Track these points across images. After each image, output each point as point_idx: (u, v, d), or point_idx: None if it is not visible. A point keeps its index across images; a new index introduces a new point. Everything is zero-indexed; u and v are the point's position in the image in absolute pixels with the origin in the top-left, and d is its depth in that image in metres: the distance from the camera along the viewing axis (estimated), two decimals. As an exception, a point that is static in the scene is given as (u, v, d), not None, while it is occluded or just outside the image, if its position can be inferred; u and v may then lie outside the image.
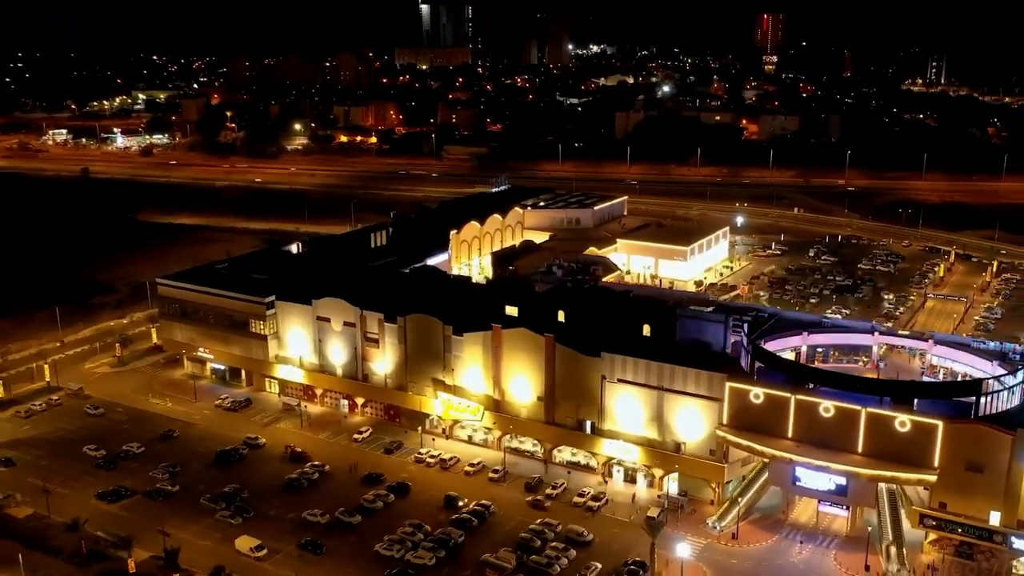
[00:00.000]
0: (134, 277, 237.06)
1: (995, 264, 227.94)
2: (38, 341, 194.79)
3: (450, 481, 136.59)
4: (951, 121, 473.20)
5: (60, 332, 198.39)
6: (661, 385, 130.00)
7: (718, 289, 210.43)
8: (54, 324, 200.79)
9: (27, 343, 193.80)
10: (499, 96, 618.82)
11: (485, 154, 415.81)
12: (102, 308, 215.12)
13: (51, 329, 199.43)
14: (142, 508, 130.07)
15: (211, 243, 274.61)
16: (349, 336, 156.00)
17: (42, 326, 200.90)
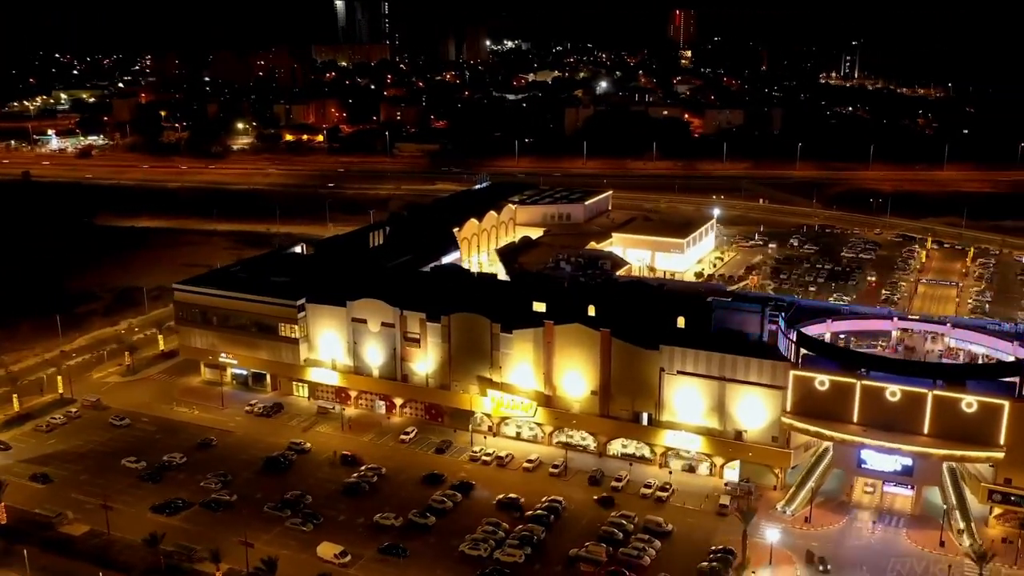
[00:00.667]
0: (115, 283, 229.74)
1: (972, 250, 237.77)
2: (33, 352, 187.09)
3: (510, 478, 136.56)
4: (882, 113, 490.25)
5: (58, 342, 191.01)
6: (723, 375, 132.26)
7: (727, 280, 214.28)
8: (44, 334, 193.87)
9: (22, 354, 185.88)
10: (430, 93, 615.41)
11: (437, 151, 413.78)
12: (90, 316, 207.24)
13: (42, 339, 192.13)
14: (202, 519, 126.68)
15: (185, 246, 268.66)
16: (387, 337, 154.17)
17: (32, 336, 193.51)
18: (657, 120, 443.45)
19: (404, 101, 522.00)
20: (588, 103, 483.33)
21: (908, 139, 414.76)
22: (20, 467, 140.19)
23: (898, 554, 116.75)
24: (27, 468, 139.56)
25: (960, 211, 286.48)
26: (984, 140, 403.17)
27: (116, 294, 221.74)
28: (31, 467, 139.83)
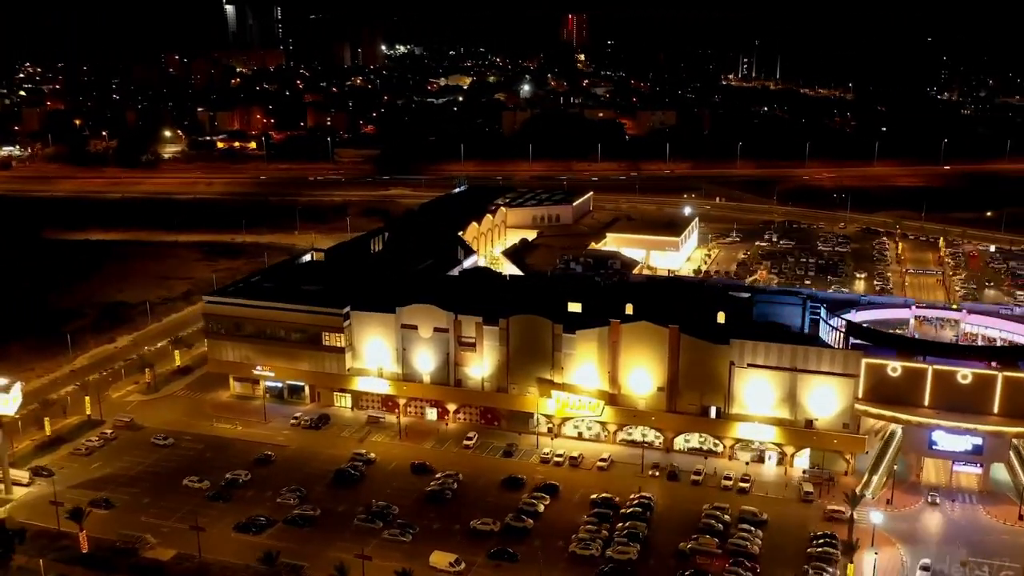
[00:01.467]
0: (95, 299, 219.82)
1: (942, 240, 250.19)
2: (35, 374, 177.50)
3: (587, 478, 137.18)
4: (800, 113, 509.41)
5: (59, 362, 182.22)
6: (794, 366, 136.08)
7: (726, 275, 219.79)
8: (39, 355, 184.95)
9: (24, 375, 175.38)
10: (350, 98, 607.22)
11: (378, 156, 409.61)
12: (81, 334, 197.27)
13: (40, 360, 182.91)
14: (290, 536, 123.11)
15: (151, 259, 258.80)
16: (440, 342, 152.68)
17: (27, 357, 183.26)
18: (593, 122, 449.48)
19: (333, 106, 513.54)
20: (525, 106, 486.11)
21: (832, 137, 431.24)
22: (73, 493, 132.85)
23: (983, 530, 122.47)
24: (81, 494, 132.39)
25: (900, 205, 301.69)
26: (903, 137, 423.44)
27: (100, 310, 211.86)
28: (85, 493, 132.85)
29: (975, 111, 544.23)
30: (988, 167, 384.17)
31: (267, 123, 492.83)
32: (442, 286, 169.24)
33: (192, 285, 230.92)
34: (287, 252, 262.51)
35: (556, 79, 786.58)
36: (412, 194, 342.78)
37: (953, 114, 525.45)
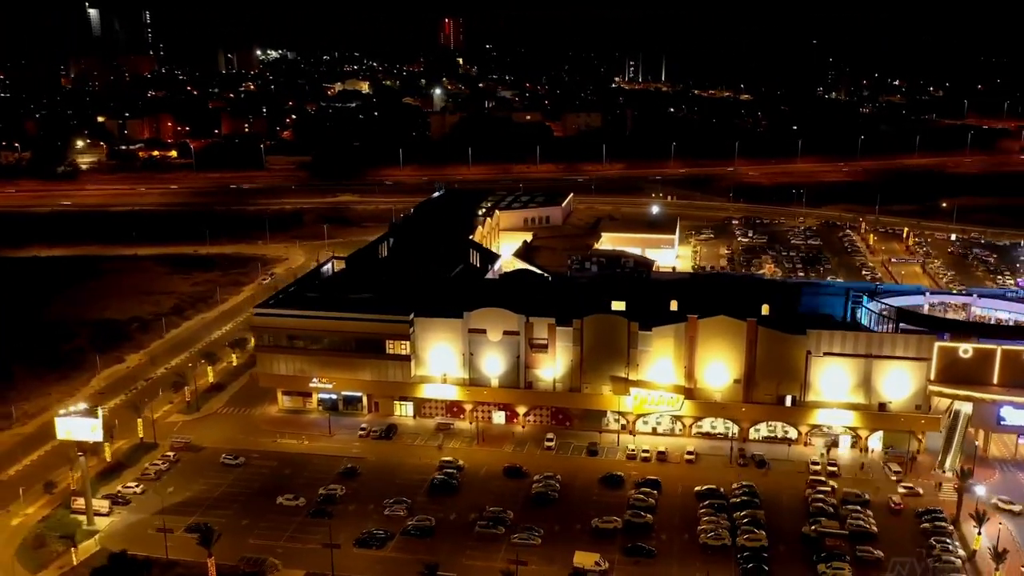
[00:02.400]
0: (81, 318, 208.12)
1: (906, 231, 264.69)
2: (53, 398, 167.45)
3: (678, 471, 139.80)
4: (710, 114, 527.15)
5: (75, 384, 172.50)
6: (869, 352, 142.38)
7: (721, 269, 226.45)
8: (48, 377, 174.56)
9: (45, 400, 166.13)
10: (254, 103, 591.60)
11: (311, 162, 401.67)
12: (82, 355, 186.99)
13: (51, 383, 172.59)
14: (414, 547, 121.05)
15: (116, 274, 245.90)
16: (509, 345, 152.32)
17: (36, 381, 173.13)
18: (521, 125, 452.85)
19: (252, 113, 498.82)
20: (452, 109, 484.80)
21: (749, 137, 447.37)
22: (161, 520, 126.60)
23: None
24: (170, 520, 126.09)
25: (837, 199, 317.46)
26: (814, 136, 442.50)
27: (92, 329, 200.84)
28: (173, 519, 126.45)
29: (873, 109, 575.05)
30: (900, 162, 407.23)
31: (181, 131, 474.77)
32: (489, 289, 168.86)
33: (179, 300, 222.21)
34: (261, 262, 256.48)
35: (453, 83, 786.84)
36: (366, 200, 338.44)
37: (853, 113, 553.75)
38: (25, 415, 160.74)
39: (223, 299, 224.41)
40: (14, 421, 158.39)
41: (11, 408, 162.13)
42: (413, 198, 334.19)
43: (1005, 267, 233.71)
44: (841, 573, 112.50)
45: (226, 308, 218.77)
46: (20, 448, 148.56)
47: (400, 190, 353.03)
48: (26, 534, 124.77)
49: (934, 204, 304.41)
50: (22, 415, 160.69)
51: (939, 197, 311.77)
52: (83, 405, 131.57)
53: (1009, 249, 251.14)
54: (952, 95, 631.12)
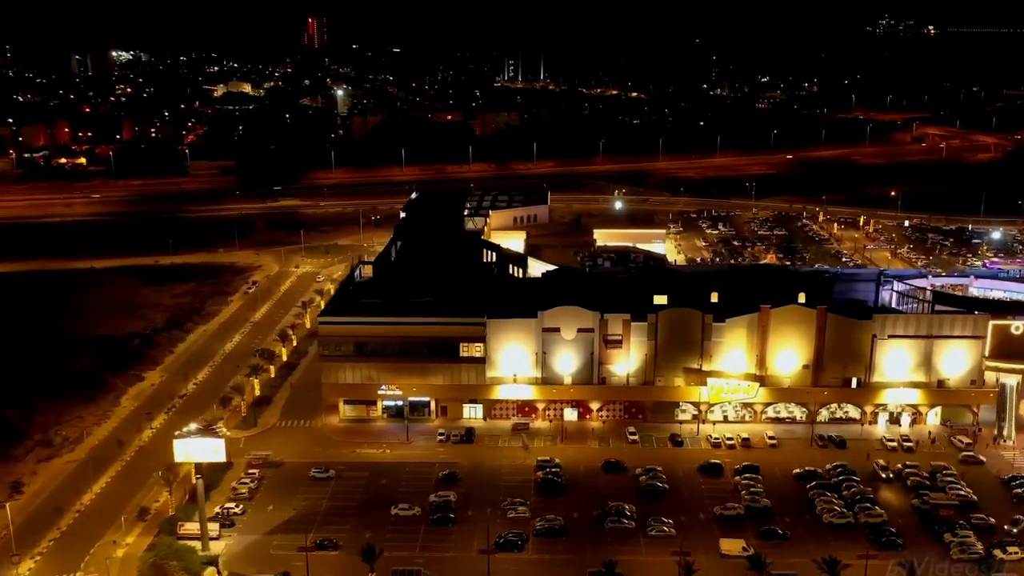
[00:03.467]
0: (78, 335, 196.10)
1: (862, 219, 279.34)
2: (89, 421, 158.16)
3: (767, 455, 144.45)
4: (615, 112, 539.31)
5: (103, 406, 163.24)
6: (930, 333, 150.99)
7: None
8: (65, 399, 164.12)
9: (74, 424, 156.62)
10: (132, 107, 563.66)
11: (237, 167, 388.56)
12: (94, 374, 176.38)
13: (76, 405, 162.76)
14: (554, 547, 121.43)
15: (91, 289, 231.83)
16: (583, 342, 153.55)
17: (59, 403, 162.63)
18: (442, 124, 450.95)
19: (150, 117, 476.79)
20: (373, 110, 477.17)
21: (660, 133, 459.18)
22: (281, 540, 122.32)
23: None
24: (287, 539, 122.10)
25: (773, 191, 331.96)
26: (724, 130, 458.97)
27: (94, 348, 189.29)
28: (287, 537, 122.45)
29: (769, 104, 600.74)
30: (810, 154, 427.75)
31: (82, 136, 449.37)
32: (538, 288, 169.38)
33: (170, 313, 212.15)
34: (233, 271, 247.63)
35: (336, 82, 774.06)
36: (312, 204, 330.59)
37: (750, 108, 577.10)
38: (67, 441, 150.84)
39: (215, 310, 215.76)
40: (60, 448, 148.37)
41: (49, 435, 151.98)
42: (361, 201, 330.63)
43: (966, 249, 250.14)
44: (968, 539, 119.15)
45: (223, 319, 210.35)
46: (81, 476, 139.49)
47: (343, 193, 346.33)
48: (139, 566, 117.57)
49: (863, 193, 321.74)
50: (63, 441, 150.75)
51: (865, 186, 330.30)
52: (194, 425, 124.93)
53: (958, 233, 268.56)
54: (825, 90, 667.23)
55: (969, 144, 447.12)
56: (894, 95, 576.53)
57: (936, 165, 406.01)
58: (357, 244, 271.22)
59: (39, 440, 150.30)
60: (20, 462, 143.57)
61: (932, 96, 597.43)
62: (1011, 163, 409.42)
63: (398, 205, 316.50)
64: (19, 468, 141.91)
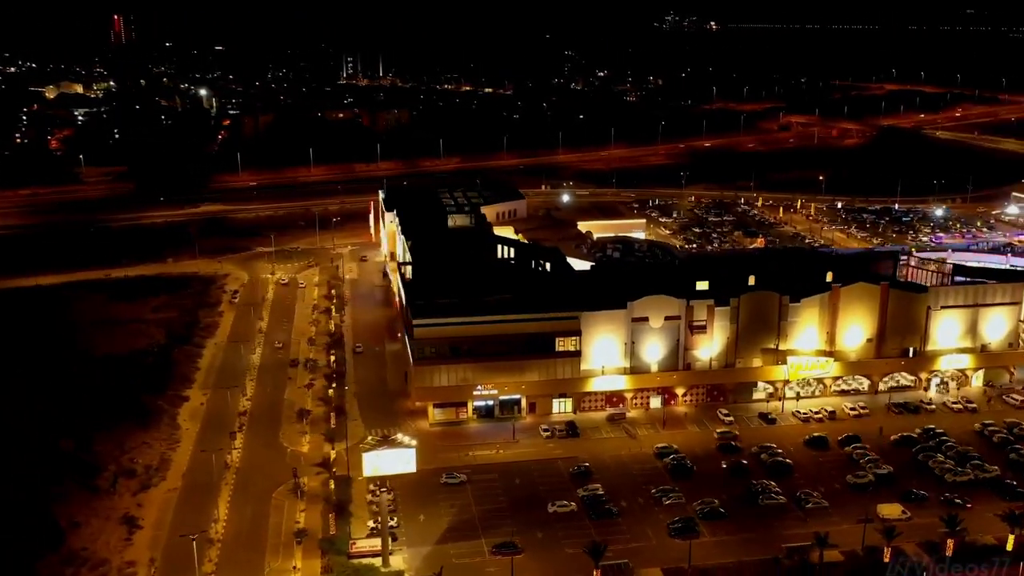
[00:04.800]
0: (86, 355, 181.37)
1: (800, 202, 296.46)
2: (154, 446, 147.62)
3: (855, 425, 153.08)
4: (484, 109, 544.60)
5: (166, 428, 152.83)
6: (976, 302, 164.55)
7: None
8: (116, 426, 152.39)
9: (139, 451, 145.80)
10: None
11: (130, 172, 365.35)
12: (128, 395, 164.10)
13: (127, 431, 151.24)
14: (726, 529, 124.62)
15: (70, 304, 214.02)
16: (670, 330, 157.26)
17: (113, 430, 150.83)
18: (336, 122, 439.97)
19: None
20: (263, 108, 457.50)
21: (540, 128, 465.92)
22: (456, 548, 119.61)
23: None
24: (463, 548, 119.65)
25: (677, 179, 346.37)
26: (598, 124, 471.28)
27: (107, 367, 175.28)
28: (457, 546, 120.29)
29: (638, 98, 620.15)
30: (694, 144, 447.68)
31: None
32: (594, 279, 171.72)
33: (166, 328, 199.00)
34: (202, 281, 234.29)
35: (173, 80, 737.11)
36: (238, 208, 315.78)
37: (619, 101, 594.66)
38: (151, 469, 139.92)
39: (212, 322, 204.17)
40: (147, 477, 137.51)
41: (124, 464, 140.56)
42: (292, 203, 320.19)
43: (905, 227, 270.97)
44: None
45: (227, 331, 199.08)
46: (191, 503, 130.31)
47: (268, 196, 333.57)
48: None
49: (769, 179, 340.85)
50: (145, 469, 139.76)
51: (767, 172, 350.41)
52: (370, 438, 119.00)
53: (884, 213, 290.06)
54: (669, 84, 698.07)
55: (831, 130, 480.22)
56: (733, 87, 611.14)
57: (813, 151, 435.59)
58: (317, 247, 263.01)
59: (117, 471, 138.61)
60: (114, 495, 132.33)
61: (767, 87, 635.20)
62: (877, 147, 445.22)
63: (333, 207, 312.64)
64: (118, 502, 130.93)
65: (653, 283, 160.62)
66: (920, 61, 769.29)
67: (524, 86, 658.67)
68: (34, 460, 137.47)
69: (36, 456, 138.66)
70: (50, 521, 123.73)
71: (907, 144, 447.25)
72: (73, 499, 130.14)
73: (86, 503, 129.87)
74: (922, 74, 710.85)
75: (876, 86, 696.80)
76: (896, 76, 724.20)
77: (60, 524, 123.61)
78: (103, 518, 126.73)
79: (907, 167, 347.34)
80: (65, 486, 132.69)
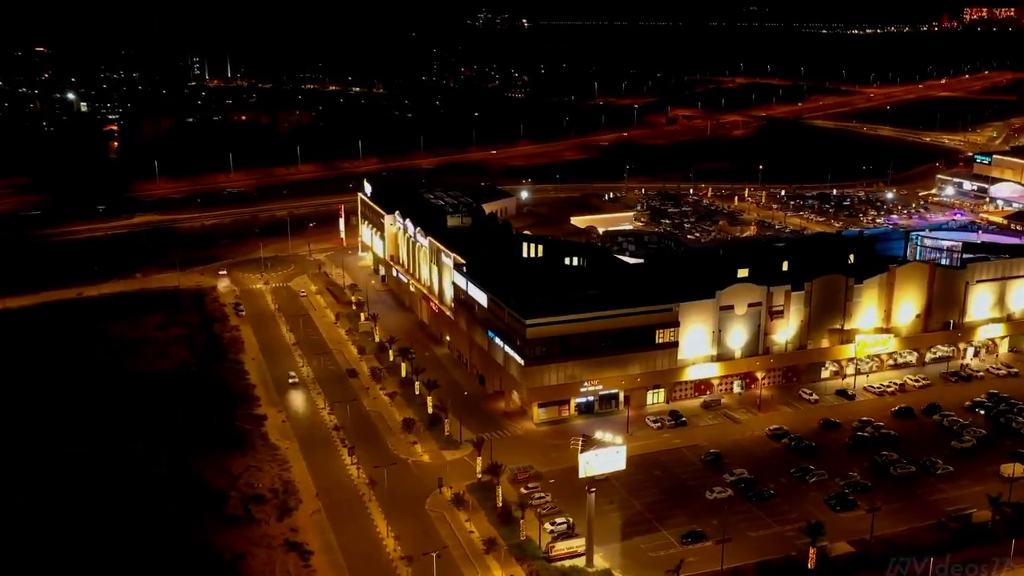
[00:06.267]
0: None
1: (747, 191, 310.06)
2: (272, 466, 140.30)
3: (923, 395, 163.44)
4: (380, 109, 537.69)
5: (263, 449, 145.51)
6: (1006, 275, 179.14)
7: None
8: (213, 451, 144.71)
9: (259, 476, 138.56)
10: None
11: (31, 184, 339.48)
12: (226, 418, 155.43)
13: (231, 456, 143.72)
14: (871, 501, 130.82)
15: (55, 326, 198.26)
16: (752, 316, 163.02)
17: (213, 455, 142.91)
18: (239, 125, 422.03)
19: None
20: (168, 112, 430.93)
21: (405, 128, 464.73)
22: (644, 542, 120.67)
23: None
24: (651, 541, 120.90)
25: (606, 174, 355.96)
26: (499, 121, 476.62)
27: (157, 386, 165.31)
28: (648, 539, 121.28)
29: (523, 95, 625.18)
30: (596, 139, 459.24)
31: None
32: (652, 271, 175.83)
33: (187, 345, 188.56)
34: (191, 296, 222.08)
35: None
36: (183, 218, 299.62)
37: (502, 99, 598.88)
38: (279, 493, 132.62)
39: (233, 337, 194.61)
40: (281, 501, 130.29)
41: (243, 489, 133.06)
42: (234, 211, 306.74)
43: (856, 209, 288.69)
44: None
45: (258, 345, 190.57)
46: (343, 524, 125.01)
47: (211, 203, 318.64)
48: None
49: (696, 169, 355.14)
50: (274, 494, 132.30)
51: (693, 164, 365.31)
52: (581, 437, 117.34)
53: (822, 198, 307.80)
54: (538, 80, 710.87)
55: (717, 122, 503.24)
56: (627, 82, 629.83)
57: (708, 142, 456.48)
58: (287, 254, 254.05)
59: (243, 497, 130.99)
60: (260, 523, 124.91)
61: (631, 83, 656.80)
62: (764, 137, 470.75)
63: (280, 212, 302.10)
64: (266, 529, 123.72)
65: (715, 271, 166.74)
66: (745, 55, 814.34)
67: (394, 85, 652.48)
68: (163, 495, 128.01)
69: (164, 490, 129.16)
70: (213, 555, 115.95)
71: (791, 134, 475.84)
72: (218, 531, 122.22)
73: (235, 533, 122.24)
74: (768, 67, 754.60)
75: (728, 80, 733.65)
76: (743, 70, 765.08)
77: (225, 557, 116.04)
78: (263, 547, 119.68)
79: (797, 155, 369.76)
80: (203, 518, 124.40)
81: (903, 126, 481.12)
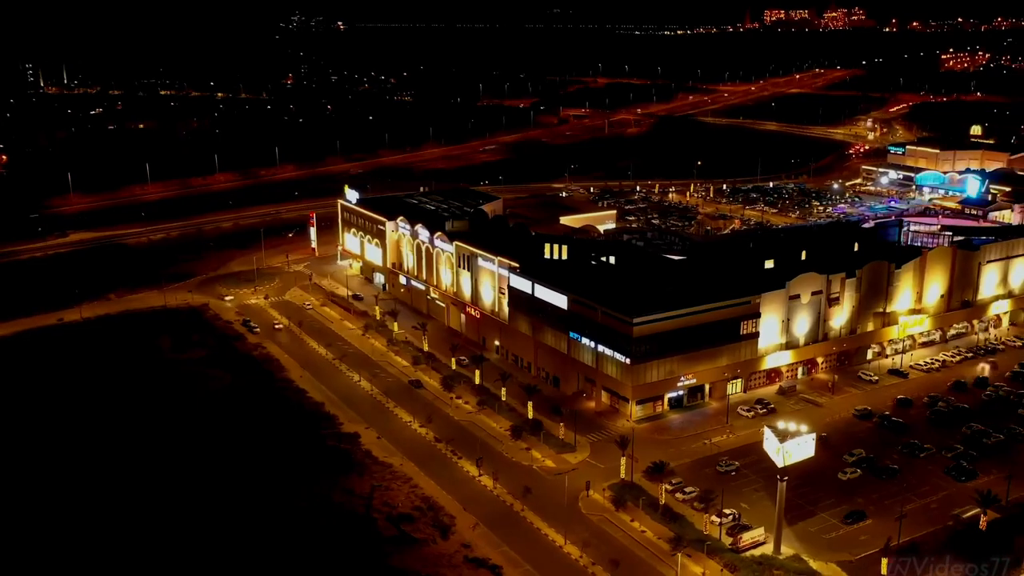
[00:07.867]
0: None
1: (693, 186, 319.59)
2: (397, 489, 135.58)
3: (960, 370, 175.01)
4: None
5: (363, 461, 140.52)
6: (1010, 255, 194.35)
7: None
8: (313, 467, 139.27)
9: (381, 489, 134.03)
10: None
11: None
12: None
13: (331, 470, 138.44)
14: (980, 469, 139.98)
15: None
16: (814, 304, 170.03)
17: (316, 473, 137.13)
18: (136, 132, 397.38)
19: None
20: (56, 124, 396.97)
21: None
22: (811, 525, 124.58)
23: None
24: (816, 525, 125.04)
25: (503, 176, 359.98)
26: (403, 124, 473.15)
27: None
28: (812, 523, 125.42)
29: (404, 97, 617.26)
30: (501, 140, 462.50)
31: None
32: (694, 267, 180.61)
33: (222, 366, 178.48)
34: (189, 315, 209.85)
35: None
36: (128, 233, 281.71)
37: (382, 102, 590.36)
38: (424, 511, 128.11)
39: (264, 355, 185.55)
40: (436, 518, 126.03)
41: (399, 511, 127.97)
42: (177, 224, 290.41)
43: (804, 200, 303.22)
44: None
45: (293, 362, 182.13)
46: (514, 537, 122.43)
47: (151, 217, 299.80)
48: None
49: (617, 167, 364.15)
50: (421, 513, 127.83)
51: (618, 162, 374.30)
52: (778, 425, 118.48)
53: (757, 191, 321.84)
54: (411, 81, 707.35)
55: (610, 120, 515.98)
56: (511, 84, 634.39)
57: (608, 140, 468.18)
58: (264, 266, 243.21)
59: (389, 517, 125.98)
60: (427, 543, 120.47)
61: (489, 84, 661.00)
62: (657, 134, 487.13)
63: (226, 223, 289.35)
64: (435, 548, 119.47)
65: (750, 264, 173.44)
66: (595, 57, 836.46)
67: (259, 90, 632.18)
68: (319, 527, 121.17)
69: (316, 522, 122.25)
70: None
71: (684, 130, 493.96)
72: (394, 555, 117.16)
73: (410, 555, 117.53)
74: (626, 67, 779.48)
75: (590, 79, 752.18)
76: (602, 71, 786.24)
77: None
78: (444, 566, 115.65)
79: (695, 151, 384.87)
80: (381, 545, 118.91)
81: (785, 121, 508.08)
